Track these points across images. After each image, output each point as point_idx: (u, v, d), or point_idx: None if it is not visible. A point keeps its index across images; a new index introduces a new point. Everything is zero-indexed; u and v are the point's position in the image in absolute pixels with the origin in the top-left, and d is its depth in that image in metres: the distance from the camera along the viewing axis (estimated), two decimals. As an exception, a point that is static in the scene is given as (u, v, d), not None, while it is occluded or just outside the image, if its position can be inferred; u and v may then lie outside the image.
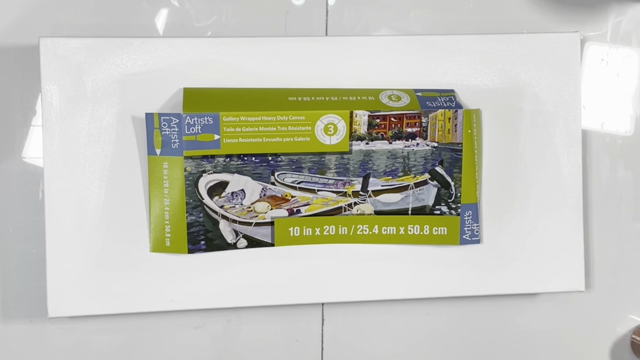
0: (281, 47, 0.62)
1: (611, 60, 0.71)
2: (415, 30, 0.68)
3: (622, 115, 0.71)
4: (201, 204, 0.61)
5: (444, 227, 0.64)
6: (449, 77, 0.64)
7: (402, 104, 0.62)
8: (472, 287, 0.65)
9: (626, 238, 0.71)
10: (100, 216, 0.61)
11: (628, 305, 0.72)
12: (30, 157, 0.64)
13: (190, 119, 0.58)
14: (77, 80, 0.60)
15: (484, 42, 0.65)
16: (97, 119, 0.60)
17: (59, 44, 0.60)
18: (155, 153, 0.59)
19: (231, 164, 0.61)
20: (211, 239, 0.62)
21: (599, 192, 0.70)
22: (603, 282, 0.71)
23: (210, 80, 0.62)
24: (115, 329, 0.64)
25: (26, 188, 0.63)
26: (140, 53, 0.61)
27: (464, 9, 0.68)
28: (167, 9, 0.65)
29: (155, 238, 0.61)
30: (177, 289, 0.62)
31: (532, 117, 0.66)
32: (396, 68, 0.64)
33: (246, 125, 0.59)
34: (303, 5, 0.66)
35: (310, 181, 0.62)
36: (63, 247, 0.60)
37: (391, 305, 0.68)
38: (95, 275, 0.61)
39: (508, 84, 0.65)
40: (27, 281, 0.63)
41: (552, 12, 0.69)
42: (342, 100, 0.62)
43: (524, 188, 0.66)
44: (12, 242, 0.63)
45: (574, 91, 0.66)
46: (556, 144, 0.66)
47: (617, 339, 0.72)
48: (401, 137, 0.62)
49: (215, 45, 0.62)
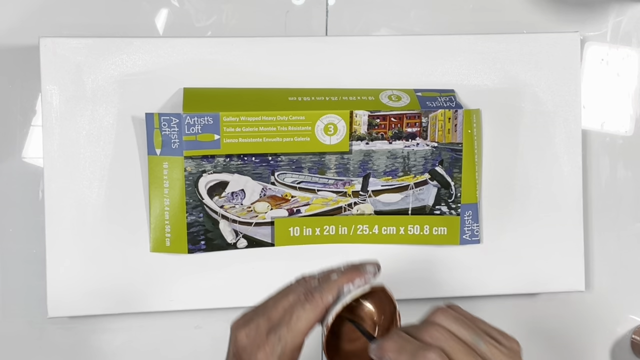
0: (281, 47, 0.62)
1: (611, 60, 0.71)
2: (415, 30, 0.68)
3: (622, 115, 0.71)
4: (201, 204, 0.61)
5: (444, 227, 0.64)
6: (449, 77, 0.64)
7: (402, 104, 0.62)
8: (472, 287, 0.65)
9: (626, 238, 0.71)
10: (100, 216, 0.61)
11: (628, 305, 0.72)
12: (30, 157, 0.64)
13: (190, 119, 0.58)
14: (77, 80, 0.60)
15: (484, 42, 0.65)
16: (97, 119, 0.60)
17: (59, 44, 0.60)
18: (155, 153, 0.59)
19: (231, 164, 0.61)
20: (211, 239, 0.62)
21: (599, 192, 0.70)
22: (603, 282, 0.71)
23: (210, 80, 0.62)
24: (115, 329, 0.64)
25: (26, 188, 0.63)
26: (140, 53, 0.61)
27: (464, 9, 0.68)
28: (167, 9, 0.65)
29: (155, 238, 0.61)
30: (177, 289, 0.62)
31: (532, 117, 0.66)
32: (396, 68, 0.64)
33: (246, 125, 0.59)
34: (303, 5, 0.66)
35: (310, 181, 0.62)
36: (63, 247, 0.60)
37: (391, 305, 0.68)
38: (96, 275, 0.61)
39: (508, 84, 0.65)
40: (27, 281, 0.63)
41: (552, 12, 0.69)
42: (342, 100, 0.62)
43: (524, 188, 0.66)
44: (12, 242, 0.63)
45: (574, 91, 0.66)
46: (556, 144, 0.66)
47: (617, 339, 0.72)
48: (401, 137, 0.62)
49: (215, 45, 0.62)
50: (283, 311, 0.43)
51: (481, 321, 0.42)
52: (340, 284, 0.44)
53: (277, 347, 0.42)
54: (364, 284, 0.44)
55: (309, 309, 0.43)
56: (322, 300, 0.43)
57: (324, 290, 0.43)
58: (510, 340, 0.42)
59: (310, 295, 0.43)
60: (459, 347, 0.39)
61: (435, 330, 0.40)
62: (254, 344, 0.43)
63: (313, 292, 0.43)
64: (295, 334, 0.42)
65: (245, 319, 0.44)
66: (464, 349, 0.39)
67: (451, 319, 0.41)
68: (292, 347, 0.42)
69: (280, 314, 0.43)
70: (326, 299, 0.43)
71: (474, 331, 0.41)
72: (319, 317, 0.43)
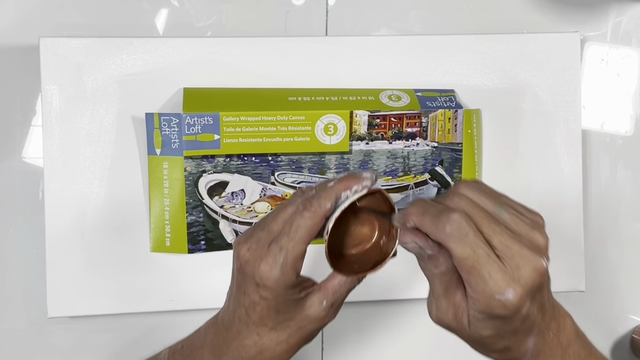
0: (281, 47, 0.62)
1: (611, 60, 0.71)
2: (415, 30, 0.68)
3: (622, 115, 0.71)
4: (201, 204, 0.61)
5: (444, 227, 0.64)
6: (449, 77, 0.64)
7: (402, 104, 0.62)
8: (472, 287, 0.65)
9: (626, 238, 0.71)
10: (100, 216, 0.61)
11: (628, 305, 0.72)
12: (30, 157, 0.64)
13: (190, 119, 0.58)
14: (77, 80, 0.60)
15: (484, 42, 0.65)
16: (97, 119, 0.60)
17: (59, 44, 0.60)
18: (155, 153, 0.59)
19: (231, 164, 0.61)
20: (211, 239, 0.62)
21: (599, 192, 0.70)
22: (603, 282, 0.71)
23: (210, 80, 0.62)
24: (115, 329, 0.64)
25: (26, 188, 0.63)
26: (140, 53, 0.61)
27: (464, 9, 0.68)
28: (167, 9, 0.65)
29: (155, 238, 0.61)
30: (177, 289, 0.62)
31: (532, 117, 0.66)
32: (396, 68, 0.64)
33: (246, 125, 0.59)
34: (303, 5, 0.66)
35: (310, 181, 0.62)
36: (63, 247, 0.60)
37: (391, 305, 0.68)
38: (96, 275, 0.61)
39: (508, 84, 0.65)
40: (27, 281, 0.63)
41: (552, 12, 0.69)
42: (342, 100, 0.62)
43: (524, 188, 0.66)
44: (12, 242, 0.63)
45: (574, 91, 0.66)
46: (556, 144, 0.66)
47: (617, 339, 0.72)
48: (401, 137, 0.62)
49: (215, 45, 0.62)
50: (282, 223, 0.43)
51: (505, 195, 0.43)
52: (337, 190, 0.44)
53: (278, 257, 0.42)
54: (361, 190, 0.44)
55: (308, 217, 0.43)
56: (320, 207, 0.43)
57: (322, 198, 0.43)
58: (533, 214, 0.42)
59: (309, 204, 0.43)
60: (482, 214, 0.39)
61: (459, 198, 0.40)
62: (256, 256, 0.43)
63: (311, 200, 0.43)
64: (296, 242, 0.43)
65: (246, 235, 0.44)
66: (487, 216, 0.39)
67: (475, 190, 0.41)
68: (294, 256, 0.43)
69: (279, 225, 0.43)
70: (324, 206, 0.43)
71: (498, 201, 0.41)
72: (319, 224, 0.43)
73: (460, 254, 0.38)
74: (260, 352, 0.45)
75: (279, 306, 0.44)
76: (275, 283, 0.42)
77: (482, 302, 0.39)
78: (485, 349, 0.43)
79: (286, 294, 0.43)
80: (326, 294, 0.45)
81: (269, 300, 0.43)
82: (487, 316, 0.40)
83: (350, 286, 0.46)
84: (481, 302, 0.39)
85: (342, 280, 0.45)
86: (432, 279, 0.43)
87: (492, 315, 0.39)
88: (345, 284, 0.45)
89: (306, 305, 0.45)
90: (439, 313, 0.42)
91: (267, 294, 0.43)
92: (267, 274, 0.42)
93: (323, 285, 0.45)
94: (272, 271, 0.42)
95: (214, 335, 0.47)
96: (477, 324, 0.41)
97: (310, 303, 0.45)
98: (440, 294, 0.42)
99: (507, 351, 0.42)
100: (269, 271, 0.42)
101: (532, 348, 0.42)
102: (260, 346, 0.45)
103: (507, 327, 0.40)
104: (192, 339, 0.49)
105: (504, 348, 0.42)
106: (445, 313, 0.42)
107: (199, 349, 0.48)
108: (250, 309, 0.44)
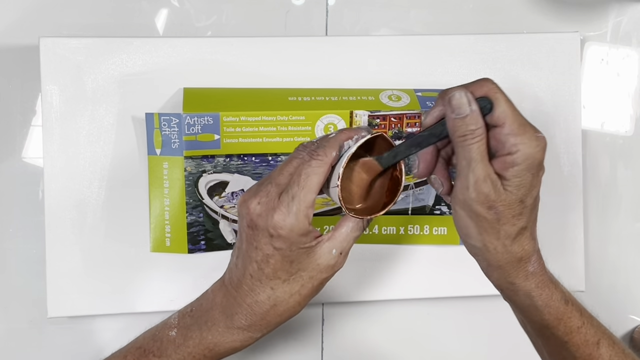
0: (281, 47, 0.62)
1: (611, 60, 0.71)
2: (415, 30, 0.68)
3: (622, 115, 0.71)
4: (201, 204, 0.61)
5: (444, 227, 0.64)
6: (449, 77, 0.64)
7: (402, 104, 0.62)
8: (472, 287, 0.65)
9: (626, 238, 0.71)
10: (100, 216, 0.61)
11: (628, 305, 0.72)
12: (30, 157, 0.64)
13: (190, 119, 0.58)
14: (77, 80, 0.60)
15: (484, 42, 0.65)
16: (97, 119, 0.60)
17: (59, 44, 0.60)
18: (155, 153, 0.59)
19: (231, 164, 0.61)
20: (211, 239, 0.62)
21: (599, 192, 0.70)
22: (603, 282, 0.71)
23: (210, 80, 0.62)
24: (115, 329, 0.64)
25: (26, 188, 0.63)
26: (140, 53, 0.61)
27: (464, 9, 0.68)
28: (167, 9, 0.65)
29: (155, 238, 0.61)
30: (177, 289, 0.62)
31: (532, 117, 0.65)
32: (396, 68, 0.64)
33: (246, 125, 0.59)
34: (303, 5, 0.66)
35: (310, 181, 0.62)
36: (63, 247, 0.60)
37: (391, 305, 0.68)
38: (95, 275, 0.61)
39: (508, 84, 0.65)
40: (27, 281, 0.63)
41: (552, 12, 0.69)
42: (342, 100, 0.62)
43: (524, 188, 0.66)
44: (12, 242, 0.63)
45: (574, 91, 0.66)
46: (556, 144, 0.66)
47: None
48: (401, 137, 0.62)
49: (215, 45, 0.62)
50: (289, 175, 0.44)
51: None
52: (340, 140, 0.45)
53: (291, 206, 0.43)
54: (362, 138, 0.45)
55: (316, 165, 0.43)
56: (326, 155, 0.44)
57: (327, 147, 0.44)
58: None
59: (315, 153, 0.44)
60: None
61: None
62: (268, 208, 0.43)
63: (317, 150, 0.44)
64: (307, 190, 0.43)
65: (252, 191, 0.45)
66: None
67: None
68: (306, 203, 0.43)
69: (287, 178, 0.44)
70: (330, 154, 0.44)
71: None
72: (326, 172, 0.44)
73: (512, 110, 0.47)
74: (274, 305, 0.46)
75: (292, 256, 0.44)
76: (289, 231, 0.43)
77: (524, 151, 0.44)
78: (508, 230, 0.45)
79: (299, 242, 0.44)
80: (335, 243, 0.46)
81: (283, 250, 0.44)
82: (526, 167, 0.44)
83: (357, 233, 0.47)
84: (524, 152, 0.44)
85: (350, 227, 0.46)
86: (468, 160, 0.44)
87: (532, 165, 0.44)
88: (352, 231, 0.46)
89: (317, 255, 0.45)
90: (478, 186, 0.44)
91: (281, 243, 0.44)
92: (282, 222, 0.43)
93: (331, 234, 0.46)
94: (287, 220, 0.43)
95: (223, 296, 0.48)
96: (514, 181, 0.44)
97: (320, 252, 0.45)
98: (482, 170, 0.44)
99: (524, 232, 0.46)
100: (283, 220, 0.43)
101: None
102: (274, 300, 0.45)
103: (535, 182, 0.44)
104: (200, 301, 0.50)
105: (521, 229, 0.45)
106: (484, 181, 0.44)
107: (209, 310, 0.48)
108: (264, 262, 0.44)
